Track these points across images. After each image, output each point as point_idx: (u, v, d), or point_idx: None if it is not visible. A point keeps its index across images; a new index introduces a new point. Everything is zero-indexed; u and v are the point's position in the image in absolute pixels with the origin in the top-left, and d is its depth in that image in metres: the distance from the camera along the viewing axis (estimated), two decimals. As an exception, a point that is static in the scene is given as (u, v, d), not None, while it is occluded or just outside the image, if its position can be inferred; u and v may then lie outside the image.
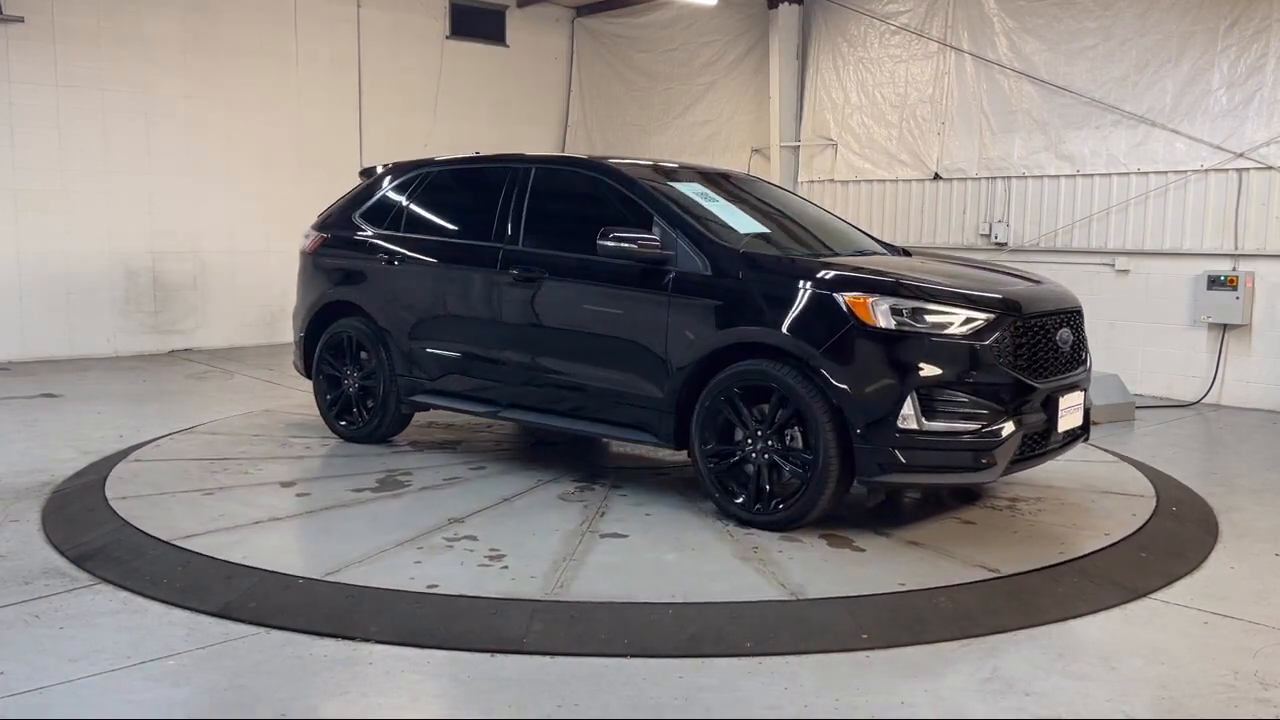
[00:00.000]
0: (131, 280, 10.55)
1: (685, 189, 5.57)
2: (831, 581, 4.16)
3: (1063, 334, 4.93)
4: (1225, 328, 8.48)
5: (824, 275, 4.73)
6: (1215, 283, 8.40)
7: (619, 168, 5.60)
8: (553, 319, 5.51)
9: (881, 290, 4.60)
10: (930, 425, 4.46)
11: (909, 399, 4.44)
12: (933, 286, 4.71)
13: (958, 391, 4.49)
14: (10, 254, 9.81)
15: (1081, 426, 5.12)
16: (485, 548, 4.47)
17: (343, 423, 6.53)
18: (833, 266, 4.87)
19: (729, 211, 5.52)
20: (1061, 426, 4.83)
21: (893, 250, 6.02)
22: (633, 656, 3.53)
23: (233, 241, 11.15)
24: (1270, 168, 8.16)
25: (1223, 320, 8.42)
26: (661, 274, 5.05)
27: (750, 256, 4.98)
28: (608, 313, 5.28)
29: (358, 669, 3.42)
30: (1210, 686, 3.39)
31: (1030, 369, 4.70)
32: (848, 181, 11.02)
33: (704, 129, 12.45)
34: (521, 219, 5.74)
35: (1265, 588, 4.32)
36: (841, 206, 10.75)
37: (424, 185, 6.44)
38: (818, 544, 4.60)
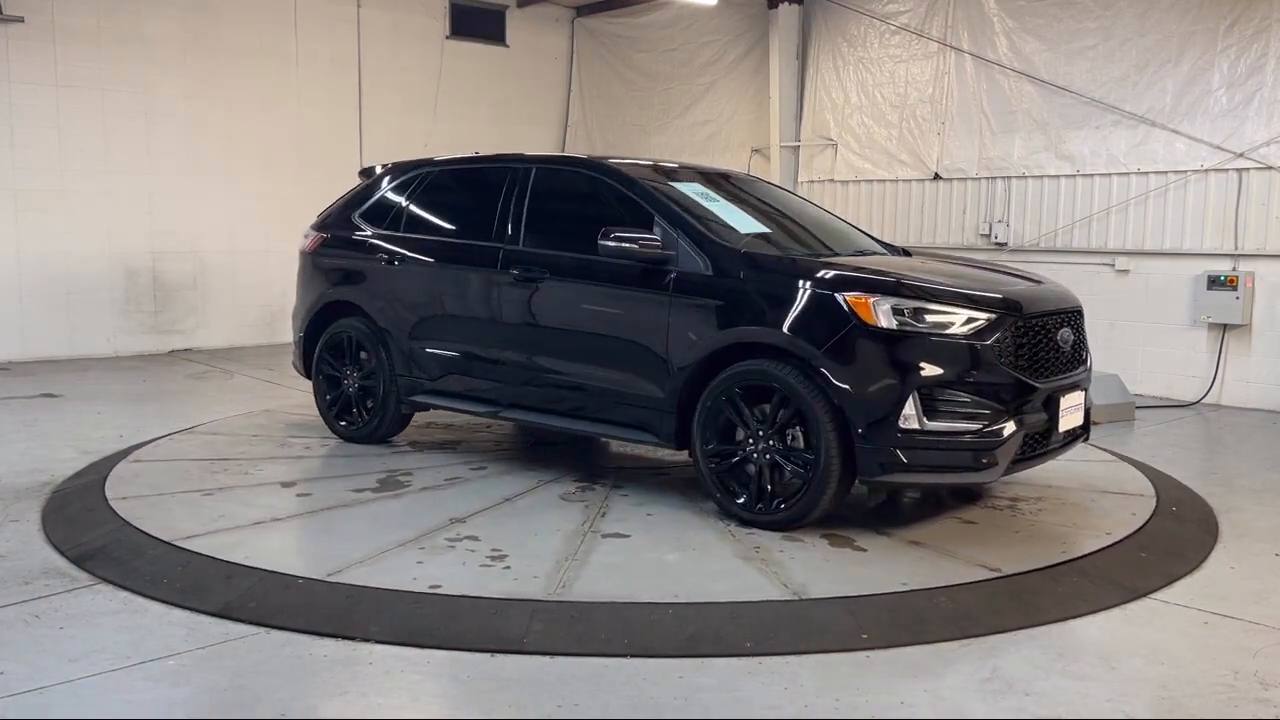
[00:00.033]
0: (131, 280, 10.55)
1: (686, 189, 5.57)
2: (833, 581, 4.16)
3: (1063, 334, 4.93)
4: (1225, 328, 8.48)
5: (825, 275, 4.73)
6: (1215, 283, 8.40)
7: (620, 168, 5.60)
8: (553, 319, 5.50)
9: (883, 290, 4.60)
10: (932, 425, 4.46)
11: (911, 399, 4.44)
12: (934, 286, 4.71)
13: (959, 391, 4.49)
14: (10, 254, 9.81)
15: (1082, 426, 5.12)
16: (487, 548, 4.47)
17: (342, 423, 6.53)
18: (834, 266, 4.87)
19: (730, 211, 5.52)
20: (1062, 426, 4.84)
21: (892, 250, 6.02)
22: (632, 656, 3.53)
23: (233, 241, 11.15)
24: (1270, 168, 8.16)
25: (1223, 320, 8.42)
26: (662, 274, 5.05)
27: (751, 256, 4.97)
28: (608, 313, 5.28)
29: (358, 669, 3.42)
30: (1210, 686, 3.39)
31: (1031, 369, 4.70)
32: (848, 181, 11.02)
33: (704, 129, 12.45)
34: (522, 219, 5.73)
35: (1265, 588, 4.32)
36: (841, 206, 10.75)
37: (424, 185, 6.44)
38: (819, 544, 4.60)
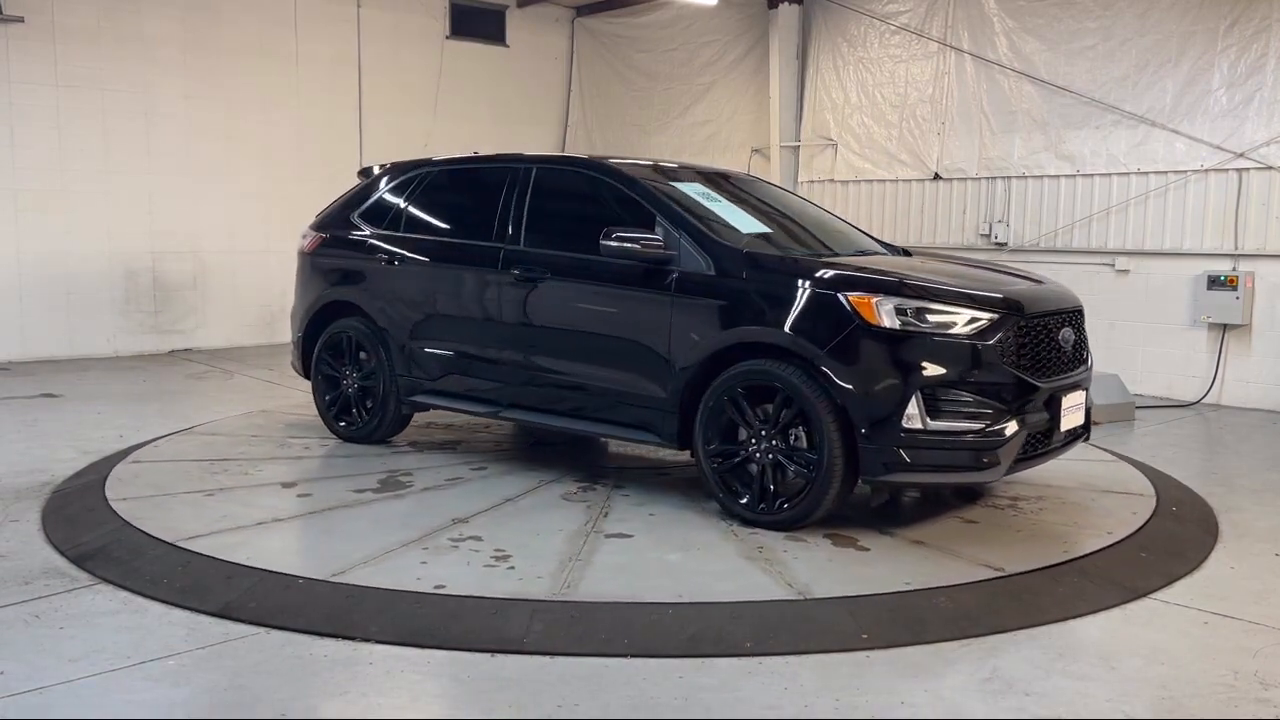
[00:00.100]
0: (131, 280, 10.54)
1: (686, 189, 5.57)
2: (837, 581, 4.15)
3: (1065, 333, 4.93)
4: (1225, 328, 8.48)
5: (828, 275, 4.73)
6: (1215, 283, 8.40)
7: (620, 168, 5.59)
8: (554, 319, 5.50)
9: (886, 290, 4.59)
10: (934, 424, 4.46)
11: (913, 398, 4.44)
12: (937, 286, 4.71)
13: (962, 391, 4.49)
14: (10, 254, 9.81)
15: (1083, 426, 5.13)
16: (490, 548, 4.46)
17: (342, 423, 6.52)
18: (836, 266, 4.86)
19: (731, 211, 5.52)
20: (1064, 426, 4.84)
21: (893, 250, 6.02)
22: (633, 656, 3.53)
23: (232, 241, 11.15)
24: (1270, 168, 8.16)
25: (1223, 320, 8.42)
26: (664, 274, 5.05)
27: (753, 256, 4.97)
28: (610, 312, 5.27)
29: (358, 669, 3.42)
30: (1210, 686, 3.38)
31: (1033, 368, 4.70)
32: (848, 181, 11.01)
33: (704, 129, 12.45)
34: (522, 219, 5.73)
35: (1265, 588, 4.32)
36: (841, 206, 10.74)
37: (423, 185, 6.43)
38: (822, 543, 4.60)
